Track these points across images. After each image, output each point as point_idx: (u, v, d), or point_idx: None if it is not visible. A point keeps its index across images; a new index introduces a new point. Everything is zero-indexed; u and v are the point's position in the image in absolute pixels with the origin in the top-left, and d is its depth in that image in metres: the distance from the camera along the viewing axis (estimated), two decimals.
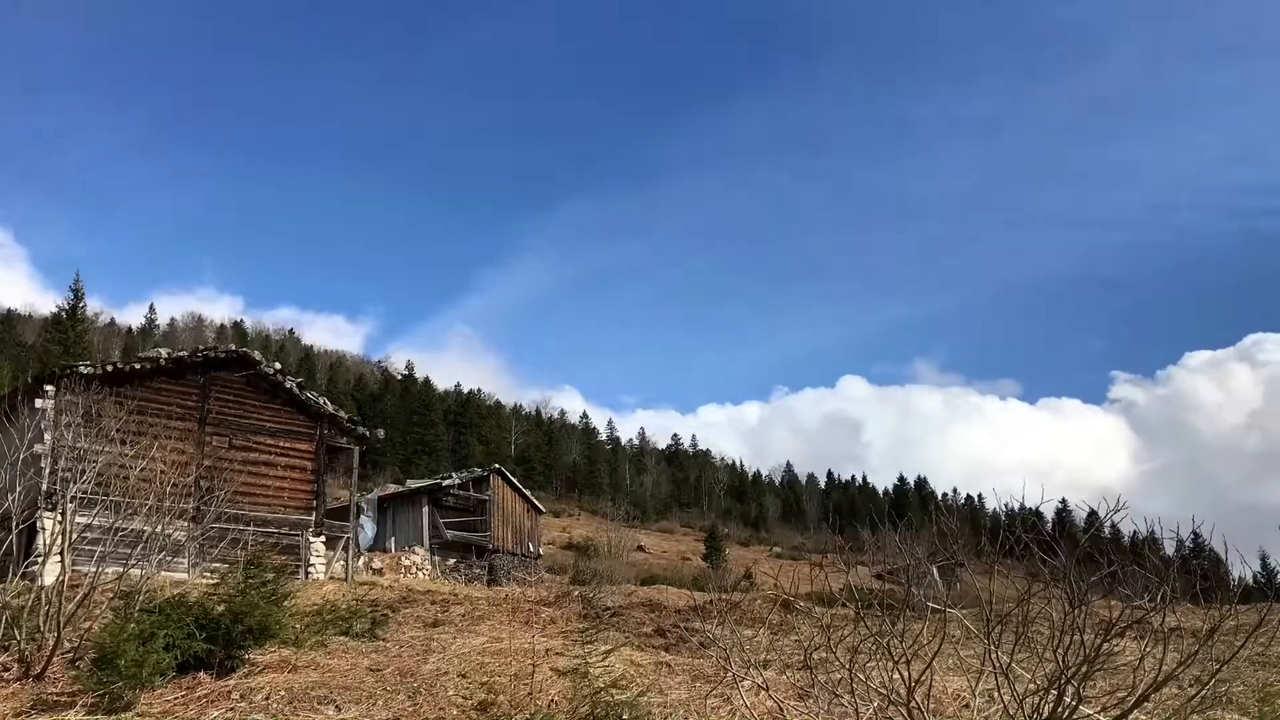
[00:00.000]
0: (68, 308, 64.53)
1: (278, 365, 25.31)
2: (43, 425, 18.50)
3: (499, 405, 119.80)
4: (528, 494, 43.36)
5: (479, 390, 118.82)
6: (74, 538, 11.20)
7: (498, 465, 44.58)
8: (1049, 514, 65.66)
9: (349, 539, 25.32)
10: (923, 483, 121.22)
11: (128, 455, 14.24)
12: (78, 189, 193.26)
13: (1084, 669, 5.24)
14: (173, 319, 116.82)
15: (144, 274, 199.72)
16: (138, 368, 21.63)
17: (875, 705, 6.37)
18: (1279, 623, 5.85)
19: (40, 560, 13.05)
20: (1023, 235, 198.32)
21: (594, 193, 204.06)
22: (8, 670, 9.92)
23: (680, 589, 25.96)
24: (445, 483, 39.02)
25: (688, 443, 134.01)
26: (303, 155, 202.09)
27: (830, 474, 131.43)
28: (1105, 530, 9.95)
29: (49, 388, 19.79)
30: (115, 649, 8.60)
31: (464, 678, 9.90)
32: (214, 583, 11.93)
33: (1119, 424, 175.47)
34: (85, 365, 20.61)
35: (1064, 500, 55.80)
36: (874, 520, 10.31)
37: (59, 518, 11.29)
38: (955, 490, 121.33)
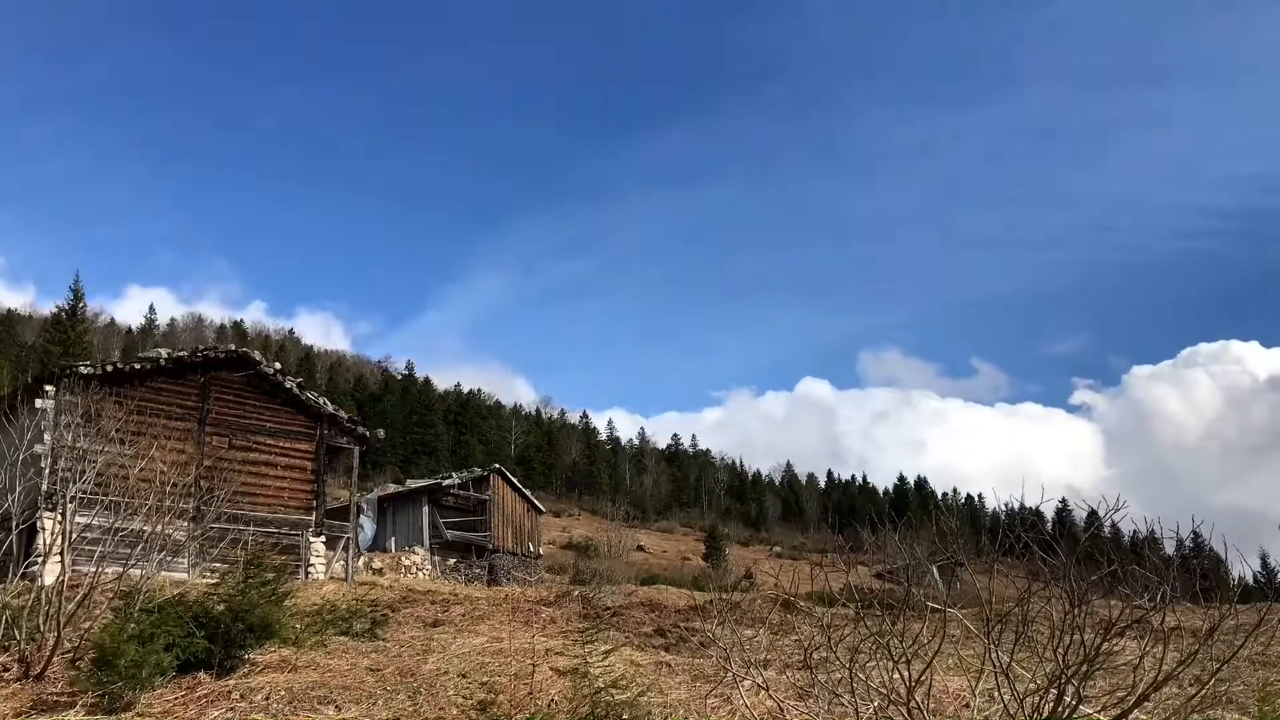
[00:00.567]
0: (67, 308, 64.56)
1: (278, 365, 25.30)
2: (43, 425, 18.50)
3: (499, 405, 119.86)
4: (528, 494, 43.36)
5: (479, 390, 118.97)
6: (74, 538, 11.19)
7: (498, 465, 44.58)
8: (1049, 514, 65.66)
9: (349, 539, 25.31)
10: (923, 482, 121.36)
11: (127, 455, 14.24)
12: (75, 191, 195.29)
13: (1084, 668, 5.24)
14: (173, 319, 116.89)
15: (125, 274, 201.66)
16: (138, 368, 21.63)
17: (875, 705, 6.37)
18: (1279, 622, 5.86)
19: (40, 560, 13.07)
20: (963, 253, 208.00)
21: (549, 214, 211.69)
22: (8, 670, 9.92)
23: (680, 589, 25.97)
24: (445, 483, 39.02)
25: (687, 442, 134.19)
26: (270, 172, 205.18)
27: (830, 474, 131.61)
28: (1105, 530, 9.96)
29: (49, 388, 19.78)
30: (115, 649, 8.60)
31: (464, 677, 9.90)
32: (214, 583, 11.92)
33: (1084, 427, 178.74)
34: (85, 365, 20.61)
35: (1064, 500, 55.85)
36: (874, 520, 10.30)
37: (59, 518, 11.29)
38: (955, 490, 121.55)
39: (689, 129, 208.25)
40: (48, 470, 17.02)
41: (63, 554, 10.76)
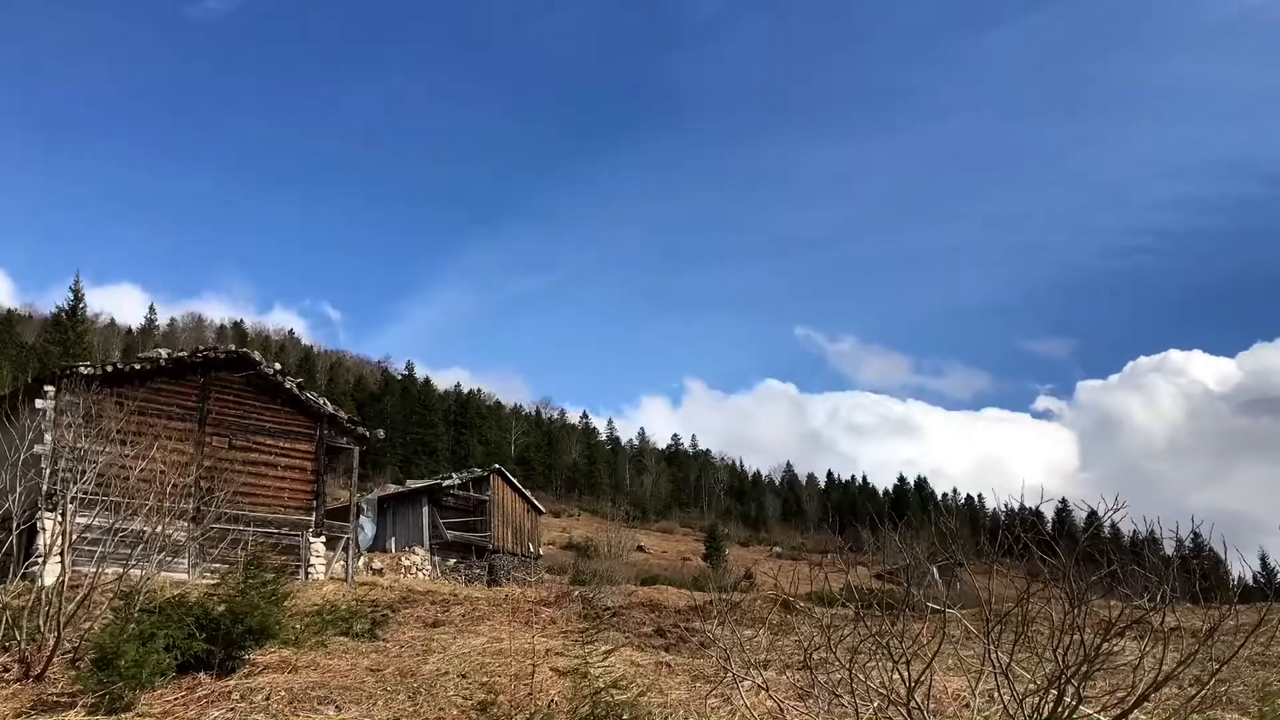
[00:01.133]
0: (68, 308, 64.58)
1: (278, 365, 25.31)
2: (43, 426, 18.50)
3: (499, 405, 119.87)
4: (528, 494, 43.37)
5: (479, 390, 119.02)
6: (74, 538, 11.20)
7: (498, 465, 44.58)
8: (1049, 514, 65.63)
9: (349, 539, 25.32)
10: (923, 483, 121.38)
11: (128, 456, 14.25)
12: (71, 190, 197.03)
13: (1084, 669, 5.24)
14: (172, 319, 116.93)
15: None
16: (138, 368, 21.63)
17: (875, 705, 6.37)
18: (1279, 622, 5.86)
19: (40, 561, 13.07)
20: (905, 269, 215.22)
21: (499, 233, 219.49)
22: (8, 671, 9.93)
23: (680, 589, 25.96)
24: (445, 483, 39.03)
25: (687, 443, 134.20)
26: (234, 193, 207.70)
27: (830, 474, 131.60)
28: (1105, 530, 9.96)
29: (49, 388, 19.78)
30: (115, 649, 8.60)
31: (464, 678, 9.91)
32: (214, 583, 11.93)
33: (1055, 430, 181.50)
34: (85, 366, 20.62)
35: (1064, 500, 55.69)
36: (874, 520, 10.31)
37: (59, 518, 11.29)
38: (955, 490, 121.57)
39: (626, 158, 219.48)
40: (48, 471, 16.99)
41: (63, 554, 10.76)
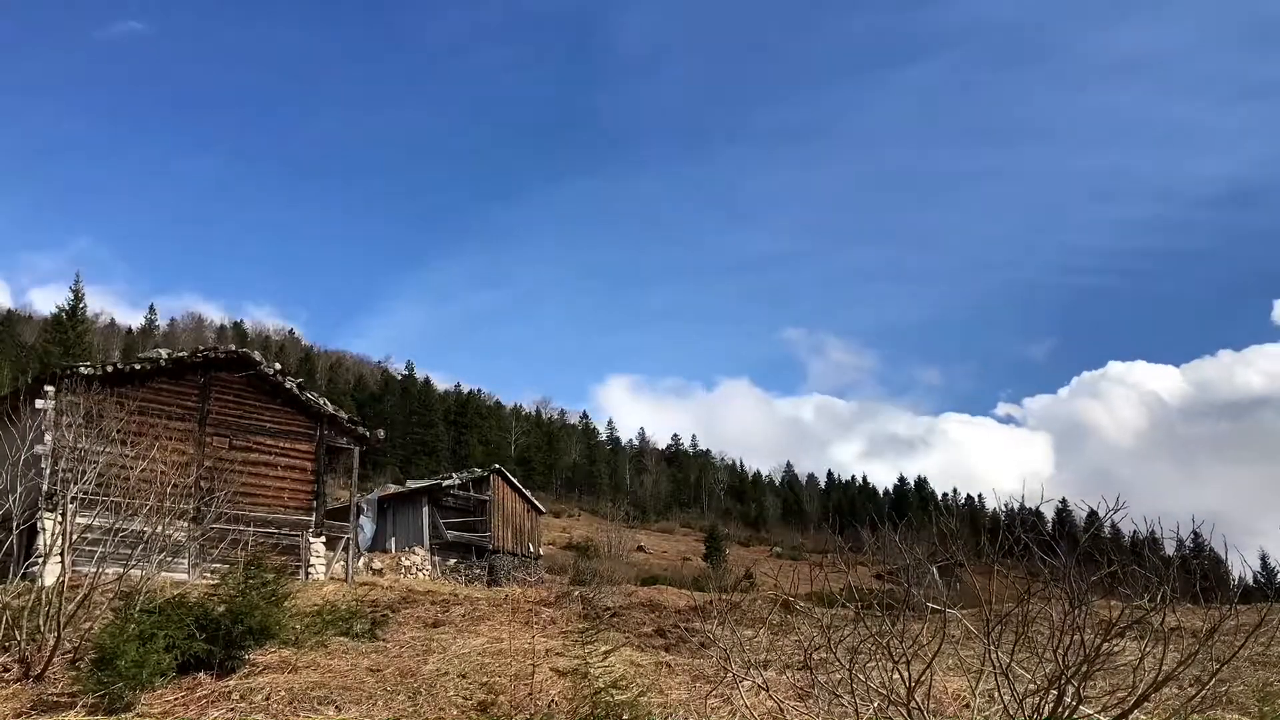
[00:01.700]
0: (68, 308, 64.58)
1: (278, 366, 25.31)
2: (43, 426, 18.50)
3: (499, 405, 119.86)
4: (528, 494, 43.36)
5: (479, 390, 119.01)
6: (74, 538, 11.20)
7: (498, 465, 44.57)
8: (1049, 514, 65.59)
9: (349, 539, 25.32)
10: (923, 483, 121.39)
11: (128, 456, 14.25)
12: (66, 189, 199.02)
13: (1084, 669, 5.24)
14: (173, 319, 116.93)
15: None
16: (138, 368, 21.63)
17: (875, 705, 6.37)
18: (1279, 623, 5.86)
19: (41, 561, 13.07)
20: (851, 288, 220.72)
21: (460, 256, 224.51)
22: (8, 671, 9.93)
23: (680, 589, 25.96)
24: (445, 483, 39.02)
25: (688, 443, 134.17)
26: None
27: (830, 474, 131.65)
28: (1105, 530, 9.95)
29: (49, 388, 19.78)
30: (115, 649, 8.61)
31: (464, 678, 9.91)
32: (214, 583, 11.93)
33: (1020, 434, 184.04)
34: (85, 366, 20.62)
35: (1064, 500, 55.69)
36: (874, 520, 10.30)
37: (59, 518, 11.30)
38: (955, 490, 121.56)
39: (577, 183, 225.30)
40: (48, 471, 17.02)
41: (63, 554, 10.76)
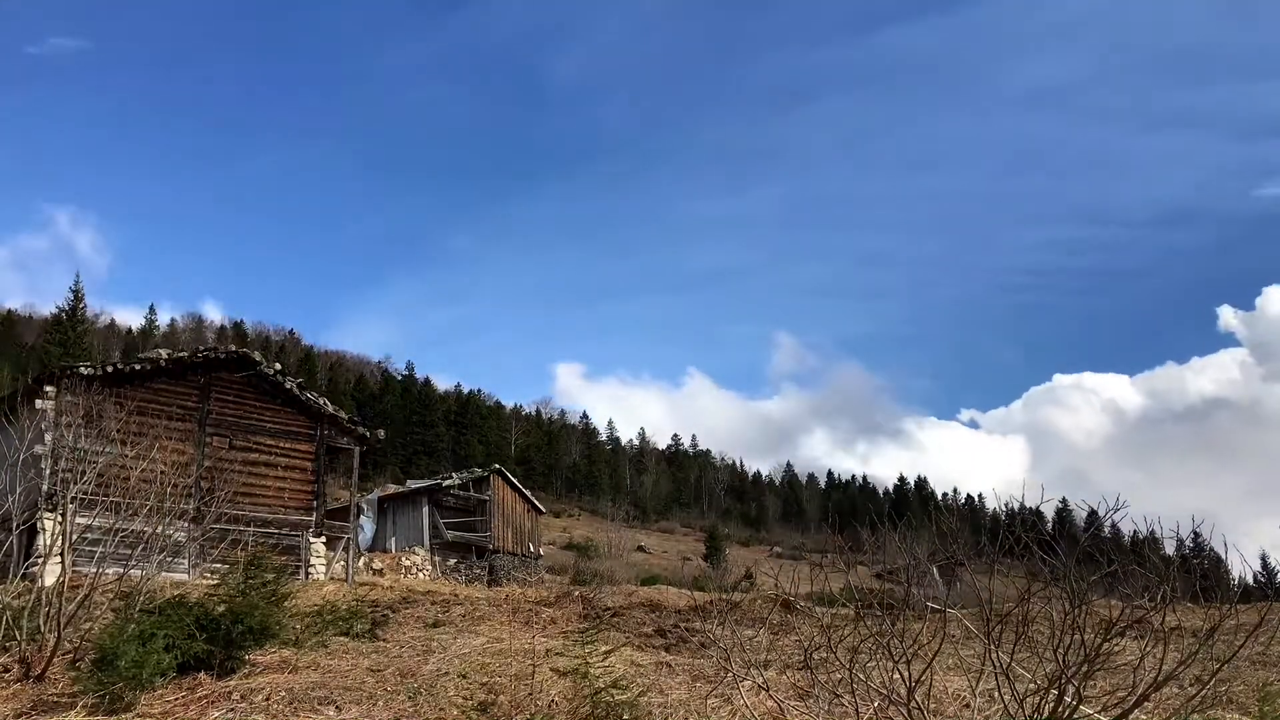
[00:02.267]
0: (67, 309, 64.59)
1: (278, 366, 25.32)
2: (43, 426, 18.50)
3: (499, 406, 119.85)
4: (528, 494, 43.37)
5: (479, 390, 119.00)
6: (74, 538, 11.19)
7: (498, 465, 44.59)
8: (1049, 514, 65.59)
9: (349, 539, 25.32)
10: (923, 482, 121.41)
11: (128, 456, 14.24)
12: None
13: (1084, 669, 5.24)
14: (173, 319, 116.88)
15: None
16: (138, 368, 21.64)
17: (875, 705, 6.37)
18: (1279, 622, 5.86)
19: (40, 561, 13.06)
20: (798, 302, 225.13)
21: (418, 275, 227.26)
22: (8, 671, 9.92)
23: (681, 589, 25.95)
24: (445, 483, 39.04)
25: (687, 443, 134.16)
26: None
27: (830, 474, 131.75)
28: (1105, 530, 9.96)
29: (49, 388, 19.79)
30: (115, 650, 8.60)
31: (464, 678, 9.90)
32: (214, 583, 11.92)
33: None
34: (85, 366, 20.63)
35: (1064, 500, 55.64)
36: (874, 520, 10.29)
37: (59, 518, 11.29)
38: (955, 490, 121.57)
39: (522, 205, 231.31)
40: (48, 471, 17.02)
41: (63, 555, 10.76)
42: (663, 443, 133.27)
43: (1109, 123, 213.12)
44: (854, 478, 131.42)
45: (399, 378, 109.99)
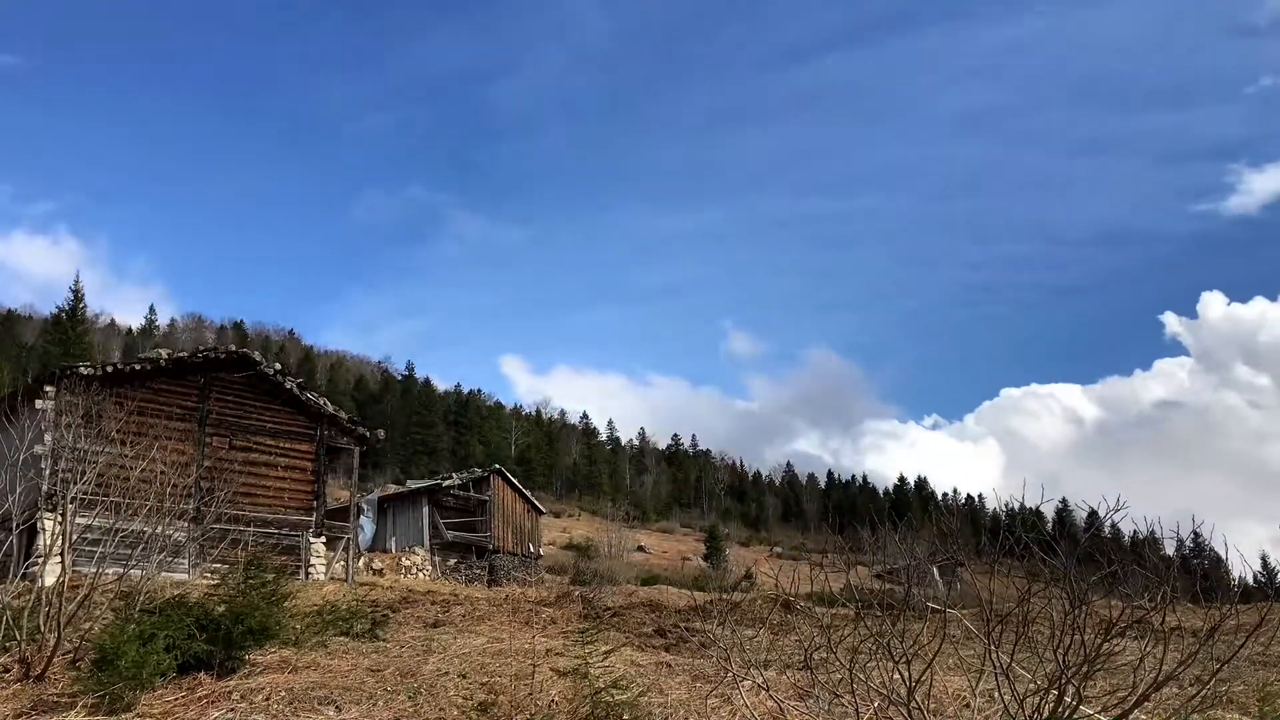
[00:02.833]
0: (67, 309, 64.59)
1: (278, 366, 25.33)
2: (43, 426, 18.50)
3: (499, 406, 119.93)
4: (528, 494, 43.36)
5: (479, 391, 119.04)
6: (74, 538, 11.19)
7: (498, 466, 44.59)
8: (1049, 514, 65.68)
9: (349, 539, 25.32)
10: (923, 483, 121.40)
11: (128, 456, 14.24)
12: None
13: (1084, 669, 5.24)
14: (173, 319, 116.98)
15: None
16: (138, 368, 21.63)
17: (875, 705, 6.37)
18: (1279, 622, 5.86)
19: (40, 561, 13.05)
20: (752, 313, 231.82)
21: (380, 289, 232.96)
22: (8, 671, 9.92)
23: (681, 589, 25.94)
24: (445, 483, 39.05)
25: (688, 443, 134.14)
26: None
27: (830, 474, 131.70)
28: (1105, 530, 9.97)
29: (49, 388, 19.78)
30: (115, 650, 8.60)
31: (464, 678, 9.90)
32: (214, 583, 11.92)
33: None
34: (85, 366, 20.62)
35: (1064, 500, 55.68)
36: (874, 520, 10.30)
37: (59, 518, 11.29)
38: (955, 490, 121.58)
39: (478, 223, 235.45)
40: (48, 471, 17.03)
41: (63, 555, 10.76)
42: (663, 443, 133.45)
43: (1038, 146, 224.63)
44: (854, 478, 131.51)
45: (399, 378, 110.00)
